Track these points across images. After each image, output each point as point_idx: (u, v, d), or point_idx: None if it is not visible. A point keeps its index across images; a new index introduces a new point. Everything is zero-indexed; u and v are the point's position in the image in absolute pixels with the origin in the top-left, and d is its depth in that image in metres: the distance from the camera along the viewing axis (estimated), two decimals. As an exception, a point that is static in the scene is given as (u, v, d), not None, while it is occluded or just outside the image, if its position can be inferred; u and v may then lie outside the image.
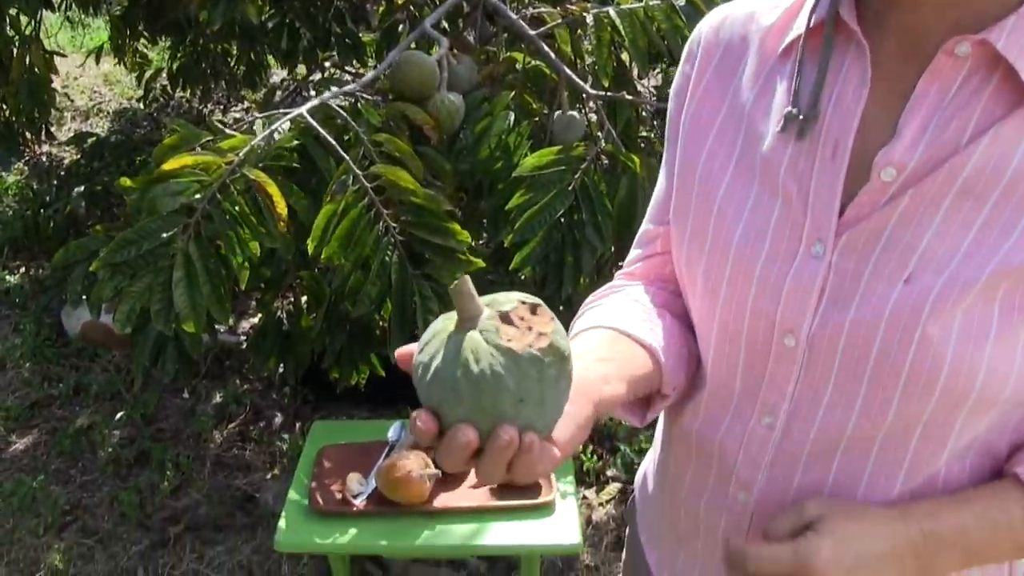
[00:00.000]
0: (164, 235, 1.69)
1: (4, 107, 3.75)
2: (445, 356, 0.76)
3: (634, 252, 1.23)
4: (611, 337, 1.02)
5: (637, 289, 1.16)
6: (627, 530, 1.38)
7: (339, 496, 2.25)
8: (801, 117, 0.92)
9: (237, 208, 1.73)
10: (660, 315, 1.10)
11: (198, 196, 1.72)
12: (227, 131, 1.86)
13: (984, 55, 0.83)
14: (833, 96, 0.92)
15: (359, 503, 2.23)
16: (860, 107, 0.89)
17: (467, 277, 0.76)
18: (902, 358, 0.87)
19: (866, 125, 0.89)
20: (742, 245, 0.96)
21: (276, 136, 1.86)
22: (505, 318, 0.76)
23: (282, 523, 2.20)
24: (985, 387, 0.85)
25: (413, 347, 0.81)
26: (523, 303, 0.77)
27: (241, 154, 1.76)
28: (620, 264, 1.27)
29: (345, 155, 1.82)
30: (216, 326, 2.00)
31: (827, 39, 0.92)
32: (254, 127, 1.92)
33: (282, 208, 1.72)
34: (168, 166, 1.71)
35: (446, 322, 0.78)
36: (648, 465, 1.30)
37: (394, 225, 1.84)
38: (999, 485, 0.92)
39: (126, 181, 1.78)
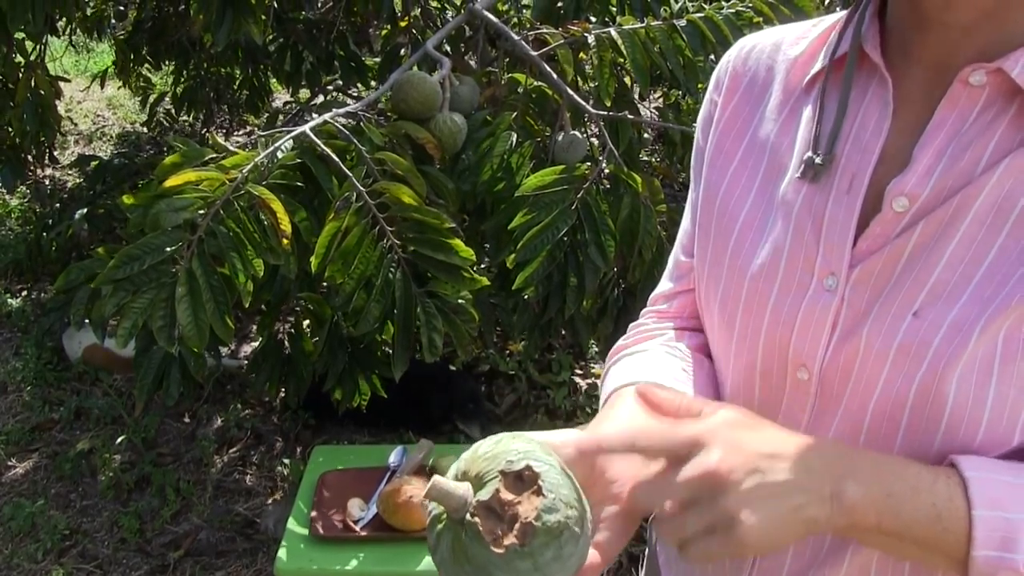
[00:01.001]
0: (167, 250, 1.68)
1: (9, 129, 3.76)
2: (443, 551, 0.77)
3: (665, 285, 1.21)
4: None
5: (669, 335, 1.15)
6: (646, 550, 1.36)
7: (340, 521, 2.23)
8: (819, 162, 0.91)
9: (240, 225, 1.72)
10: (696, 361, 1.09)
11: (201, 212, 1.71)
12: (230, 148, 1.86)
13: (1001, 85, 0.82)
14: (853, 129, 0.91)
15: (360, 528, 2.21)
16: (880, 141, 0.89)
17: (436, 477, 0.75)
18: (904, 396, 0.85)
19: (885, 157, 0.89)
20: (756, 276, 0.96)
21: (279, 154, 1.85)
22: (487, 511, 0.75)
23: (283, 549, 2.18)
24: (991, 425, 0.83)
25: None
26: (505, 475, 0.76)
27: (244, 171, 1.76)
28: (622, 283, 1.26)
29: (348, 172, 1.82)
30: (219, 348, 1.99)
31: (847, 80, 0.92)
32: (256, 145, 1.92)
33: (286, 225, 1.72)
34: (171, 182, 1.71)
35: (440, 506, 0.79)
36: None
37: (397, 242, 1.83)
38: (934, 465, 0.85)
39: (129, 198, 1.78)
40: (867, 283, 0.88)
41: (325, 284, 2.27)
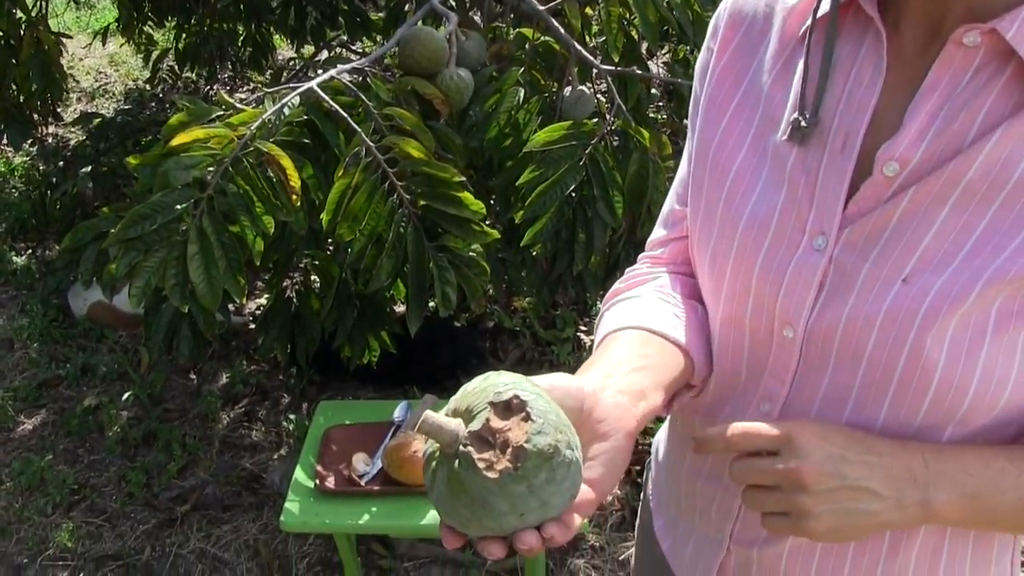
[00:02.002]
0: (177, 208, 1.68)
1: (14, 87, 3.74)
2: (440, 488, 0.78)
3: (658, 232, 1.21)
4: (642, 339, 1.02)
5: (663, 280, 1.15)
6: (642, 493, 1.38)
7: (345, 476, 2.25)
8: (804, 125, 0.91)
9: (250, 182, 1.72)
10: (689, 307, 1.10)
11: (210, 170, 1.71)
12: (237, 106, 1.85)
13: (996, 46, 0.81)
14: (848, 85, 0.90)
15: (365, 483, 2.22)
16: (873, 99, 0.88)
17: (427, 412, 0.77)
18: (894, 361, 0.86)
19: (878, 117, 0.88)
20: (747, 231, 0.96)
21: (286, 111, 1.85)
22: (479, 440, 0.76)
23: (288, 503, 2.20)
24: (979, 393, 0.84)
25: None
26: (494, 405, 0.77)
27: (252, 128, 1.75)
28: (633, 240, 1.26)
29: (357, 127, 1.81)
30: (228, 305, 1.99)
31: (830, 35, 0.91)
32: (263, 102, 1.91)
33: (295, 181, 1.71)
34: (179, 140, 1.70)
35: (434, 444, 0.80)
36: (661, 434, 1.31)
37: (407, 197, 1.83)
38: (1012, 445, 0.88)
39: (135, 159, 1.77)
40: (856, 246, 0.88)
41: (330, 241, 2.27)
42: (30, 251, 4.51)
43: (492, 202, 2.34)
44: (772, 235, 0.94)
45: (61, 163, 4.34)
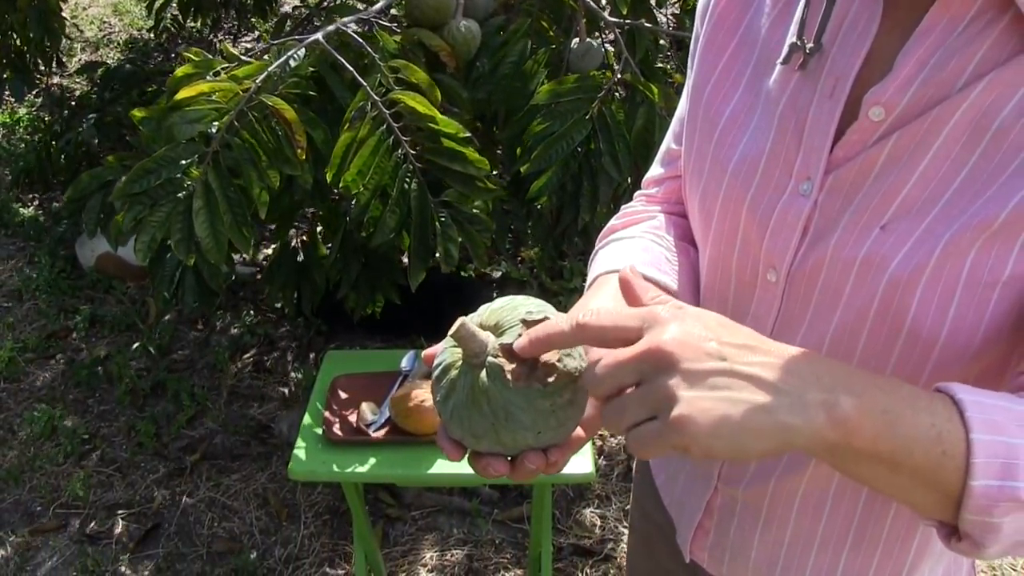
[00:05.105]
0: (183, 163, 1.68)
1: (14, 36, 3.71)
2: (459, 396, 0.78)
3: (655, 170, 1.22)
4: None
5: (657, 221, 1.15)
6: None
7: (352, 425, 2.26)
8: (806, 51, 0.89)
9: (255, 136, 1.71)
10: (681, 249, 1.10)
11: (216, 124, 1.70)
12: (243, 58, 1.84)
13: None
14: (843, 28, 0.88)
15: (372, 432, 2.24)
16: (867, 43, 0.86)
17: (463, 319, 0.76)
18: (867, 307, 0.86)
19: (872, 61, 0.86)
20: (735, 173, 0.96)
21: (291, 63, 1.84)
22: (509, 352, 0.76)
23: (296, 452, 2.21)
24: (950, 340, 0.83)
25: (437, 348, 0.83)
26: (526, 323, 0.77)
27: (258, 81, 1.74)
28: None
29: (363, 82, 1.81)
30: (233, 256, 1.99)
31: None
32: (269, 54, 1.90)
33: (300, 135, 1.71)
34: (184, 94, 1.69)
35: (454, 354, 0.80)
36: None
37: (412, 152, 1.82)
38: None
39: (139, 112, 1.76)
40: (840, 191, 0.88)
41: (336, 193, 2.27)
42: (37, 202, 4.51)
43: (499, 152, 2.33)
44: (759, 178, 0.94)
45: (66, 113, 4.33)
